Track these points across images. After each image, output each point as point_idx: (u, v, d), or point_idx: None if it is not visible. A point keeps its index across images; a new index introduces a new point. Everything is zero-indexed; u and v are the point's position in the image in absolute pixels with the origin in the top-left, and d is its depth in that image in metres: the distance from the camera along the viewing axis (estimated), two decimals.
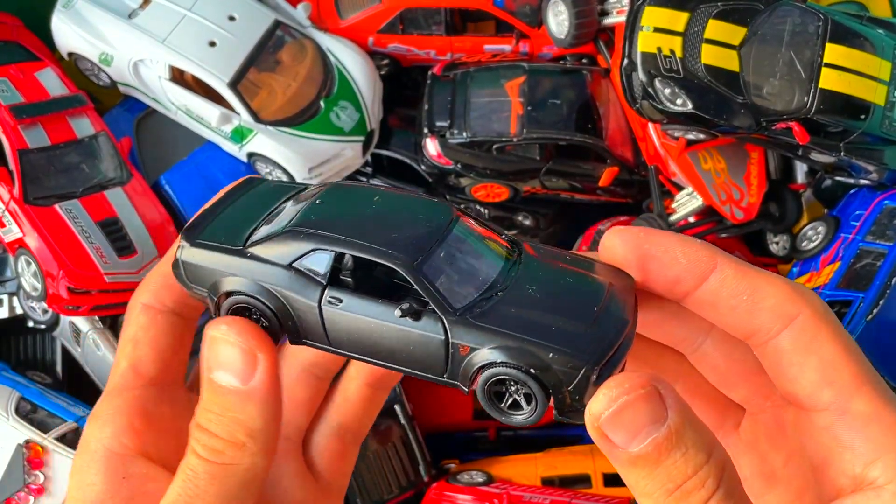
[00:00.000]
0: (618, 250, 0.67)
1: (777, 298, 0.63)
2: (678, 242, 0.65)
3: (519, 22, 2.41)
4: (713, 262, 0.64)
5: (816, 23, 1.98)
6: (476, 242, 0.66)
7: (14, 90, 2.13)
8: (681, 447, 0.57)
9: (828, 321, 0.63)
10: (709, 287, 0.64)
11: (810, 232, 2.26)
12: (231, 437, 0.62)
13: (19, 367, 2.28)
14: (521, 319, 0.62)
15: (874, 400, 0.61)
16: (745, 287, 0.64)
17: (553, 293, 0.64)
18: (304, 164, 2.31)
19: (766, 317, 0.63)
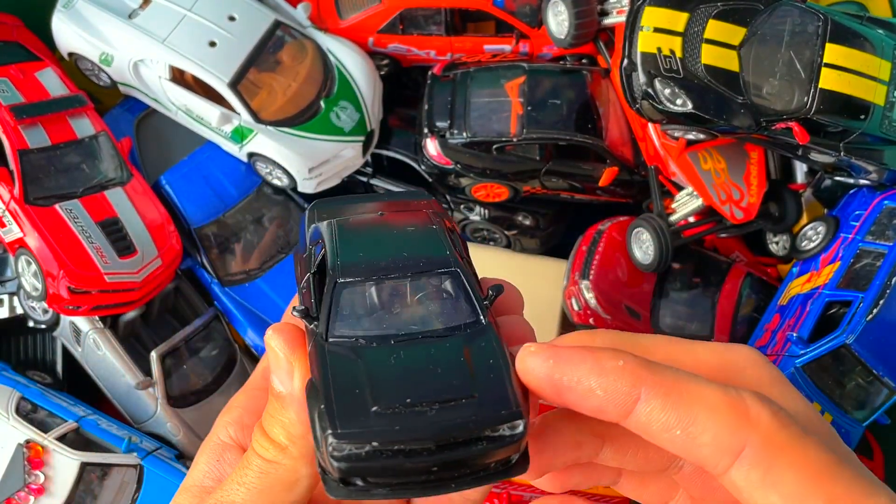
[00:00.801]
0: (531, 376, 0.59)
1: (715, 431, 0.54)
2: (592, 372, 0.56)
3: (519, 22, 2.41)
4: (635, 393, 0.55)
5: (816, 23, 1.98)
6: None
7: (14, 90, 2.13)
8: None
9: (783, 444, 0.53)
10: (637, 419, 0.56)
11: (810, 232, 2.26)
12: (276, 439, 0.65)
13: (19, 367, 2.28)
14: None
15: None
16: (675, 420, 0.54)
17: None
18: (305, 164, 2.31)
19: (707, 453, 0.54)
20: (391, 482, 0.57)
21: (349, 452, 0.56)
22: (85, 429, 2.06)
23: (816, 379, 2.01)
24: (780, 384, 0.61)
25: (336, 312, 0.65)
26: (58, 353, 2.33)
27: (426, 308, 0.66)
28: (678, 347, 0.63)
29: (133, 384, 2.21)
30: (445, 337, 0.63)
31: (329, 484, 0.58)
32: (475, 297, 0.65)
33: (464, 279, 0.66)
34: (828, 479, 0.53)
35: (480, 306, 0.65)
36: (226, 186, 2.42)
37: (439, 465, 0.57)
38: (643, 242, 2.24)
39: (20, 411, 2.04)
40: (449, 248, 0.68)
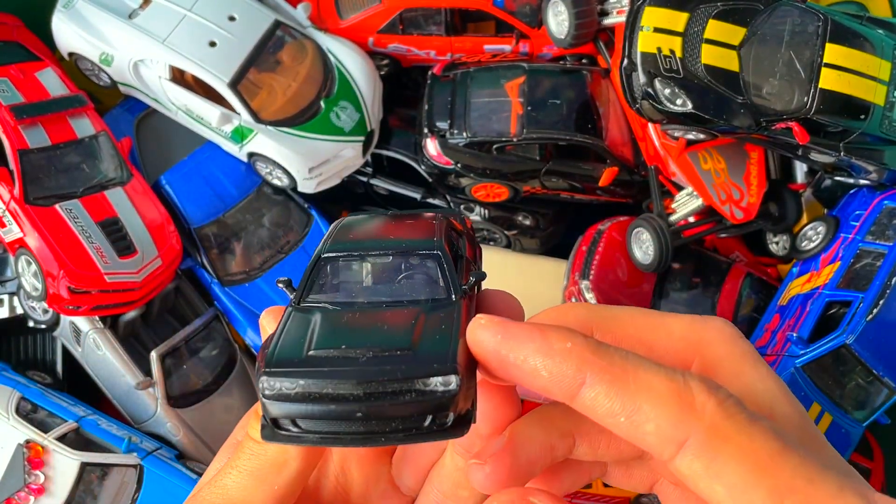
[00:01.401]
0: (479, 348, 0.59)
1: (658, 421, 0.53)
2: (538, 352, 0.55)
3: (519, 22, 2.41)
4: (580, 377, 0.54)
5: (816, 23, 1.98)
6: None
7: (14, 90, 2.13)
8: None
9: (726, 435, 0.52)
10: (582, 404, 0.55)
11: (810, 232, 2.26)
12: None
13: (19, 367, 2.28)
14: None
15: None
16: (619, 407, 0.54)
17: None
18: (305, 164, 2.31)
19: (652, 441, 0.53)
20: (321, 430, 0.58)
21: (278, 392, 0.57)
22: (85, 429, 2.06)
23: (816, 379, 2.01)
24: (747, 360, 0.60)
25: (313, 282, 0.68)
26: (58, 353, 2.33)
27: (400, 284, 0.67)
28: (651, 320, 0.63)
29: (133, 384, 2.20)
30: (407, 306, 0.65)
31: (263, 428, 0.59)
32: (451, 278, 0.66)
33: (444, 262, 0.67)
34: (773, 467, 0.52)
35: (455, 287, 0.66)
36: (226, 186, 2.42)
37: (368, 415, 0.56)
38: (643, 242, 2.25)
39: (20, 411, 2.04)
40: (438, 238, 0.69)
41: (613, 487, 2.21)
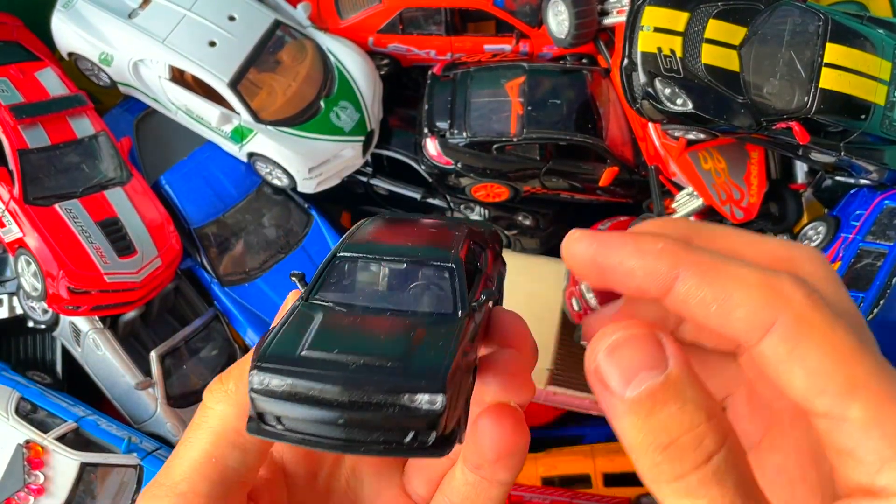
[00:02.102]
0: (576, 260, 0.63)
1: (749, 306, 0.57)
2: (633, 254, 0.60)
3: (519, 22, 2.41)
4: (673, 272, 0.58)
5: (816, 22, 1.97)
6: None
7: (14, 90, 2.13)
8: (678, 400, 0.54)
9: (812, 323, 0.56)
10: (675, 297, 0.59)
11: (810, 232, 2.26)
12: (225, 384, 0.65)
13: (19, 367, 2.28)
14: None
15: (874, 403, 0.56)
16: (712, 296, 0.58)
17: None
18: (305, 164, 2.31)
19: (740, 327, 0.57)
20: (304, 430, 0.58)
21: (266, 388, 0.58)
22: (85, 429, 2.06)
23: None
24: (830, 281, 0.63)
25: (325, 280, 0.67)
26: (57, 353, 2.33)
27: (409, 293, 0.67)
28: (745, 237, 0.65)
29: (133, 384, 2.20)
30: (410, 317, 0.65)
31: (250, 420, 0.60)
32: (460, 293, 0.66)
33: (456, 277, 0.66)
34: (851, 360, 0.55)
35: (462, 303, 0.65)
36: (226, 186, 2.42)
37: (349, 423, 0.57)
38: None
39: (20, 411, 2.04)
40: (455, 251, 0.68)
41: (613, 487, 2.21)
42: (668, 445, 0.53)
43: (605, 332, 0.56)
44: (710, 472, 0.53)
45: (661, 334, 0.56)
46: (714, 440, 0.54)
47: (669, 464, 0.54)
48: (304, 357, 0.59)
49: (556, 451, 2.33)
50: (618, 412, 0.55)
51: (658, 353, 0.55)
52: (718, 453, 0.54)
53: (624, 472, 2.20)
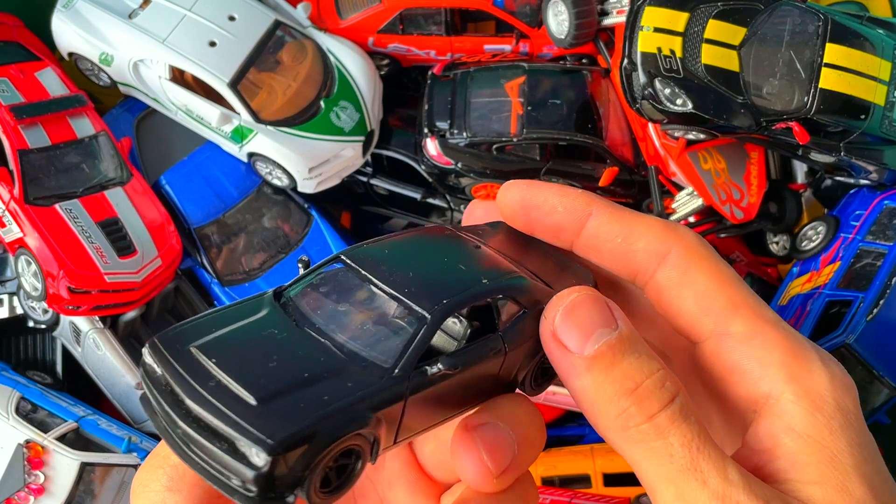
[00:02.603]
0: (506, 201, 0.70)
1: (648, 238, 0.65)
2: (557, 192, 0.68)
3: (519, 22, 2.41)
4: (589, 208, 0.67)
5: (816, 23, 1.98)
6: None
7: (14, 90, 2.13)
8: (634, 351, 0.58)
9: (700, 254, 0.65)
10: (588, 232, 0.67)
11: (810, 232, 2.26)
12: None
13: (19, 367, 2.28)
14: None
15: (752, 319, 0.62)
16: (618, 230, 0.66)
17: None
18: (305, 164, 2.31)
19: (641, 257, 0.65)
20: (161, 421, 0.57)
21: (148, 365, 0.58)
22: (85, 429, 2.06)
23: None
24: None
25: (310, 280, 0.65)
26: (58, 353, 2.33)
27: (366, 328, 0.61)
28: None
29: (133, 384, 2.20)
30: (339, 357, 0.59)
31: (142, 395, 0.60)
32: (411, 354, 0.59)
33: (421, 332, 0.59)
34: (731, 285, 0.64)
35: (405, 363, 0.58)
36: (226, 186, 2.42)
37: (187, 436, 0.54)
38: None
39: (20, 411, 2.04)
40: (449, 302, 0.61)
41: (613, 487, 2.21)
42: (634, 389, 0.57)
43: (558, 297, 0.61)
44: (678, 409, 0.57)
45: (606, 298, 0.61)
46: (673, 382, 0.58)
47: (638, 405, 0.57)
48: (186, 351, 0.56)
49: (555, 451, 2.33)
50: (578, 370, 0.59)
51: (608, 314, 0.60)
52: (679, 393, 0.58)
53: (624, 472, 2.20)
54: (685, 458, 0.56)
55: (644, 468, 0.58)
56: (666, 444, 0.56)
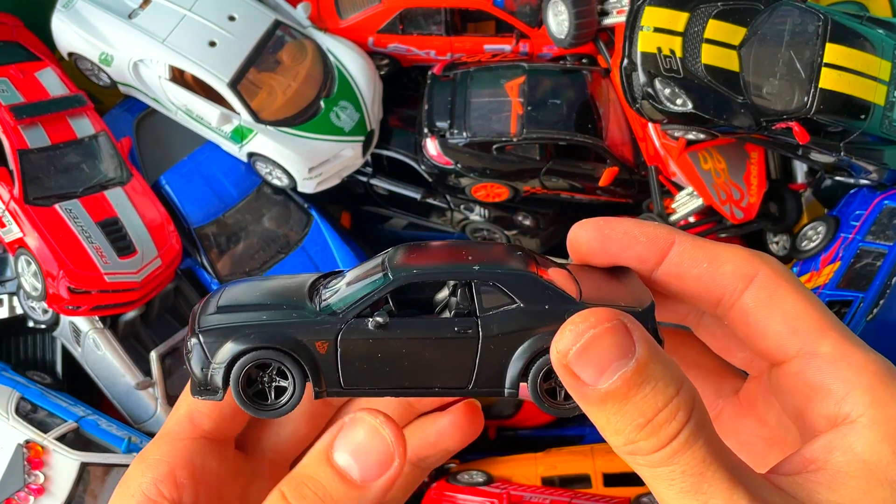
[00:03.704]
0: (582, 239, 0.70)
1: (735, 262, 0.67)
2: (636, 225, 0.69)
3: (519, 22, 2.41)
4: (671, 238, 0.69)
5: (816, 23, 1.97)
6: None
7: (14, 90, 2.13)
8: (650, 381, 0.57)
9: (786, 277, 0.66)
10: (671, 260, 0.68)
11: (810, 232, 2.26)
12: None
13: (19, 367, 2.28)
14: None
15: (839, 342, 0.63)
16: (703, 255, 0.68)
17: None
18: (304, 164, 2.31)
19: (728, 280, 0.67)
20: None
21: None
22: (85, 429, 2.06)
23: None
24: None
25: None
26: (58, 353, 2.33)
27: (348, 286, 0.70)
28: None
29: (133, 384, 2.20)
30: (307, 300, 0.69)
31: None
32: (356, 300, 0.66)
33: (377, 288, 0.66)
34: (819, 309, 0.65)
35: (347, 307, 0.66)
36: (226, 186, 2.42)
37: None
38: None
39: (20, 411, 2.04)
40: (420, 270, 0.68)
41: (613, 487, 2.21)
42: (645, 425, 0.57)
43: (571, 324, 0.59)
44: (683, 440, 0.57)
45: (626, 319, 0.59)
46: (685, 410, 0.58)
47: (647, 440, 0.57)
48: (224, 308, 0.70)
49: (555, 451, 2.33)
50: (591, 401, 0.58)
51: (626, 342, 0.58)
52: (690, 421, 0.58)
53: (624, 472, 2.20)
54: (686, 482, 0.57)
55: (653, 488, 0.60)
56: (670, 472, 0.57)
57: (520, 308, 0.65)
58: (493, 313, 0.65)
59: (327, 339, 0.64)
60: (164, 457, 0.71)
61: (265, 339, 0.63)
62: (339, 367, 0.65)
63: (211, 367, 0.65)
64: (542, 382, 0.68)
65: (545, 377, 0.68)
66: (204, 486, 0.70)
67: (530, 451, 2.33)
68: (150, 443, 0.73)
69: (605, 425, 0.59)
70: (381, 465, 0.62)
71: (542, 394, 0.68)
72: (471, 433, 0.79)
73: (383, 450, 0.62)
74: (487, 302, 0.66)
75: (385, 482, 0.63)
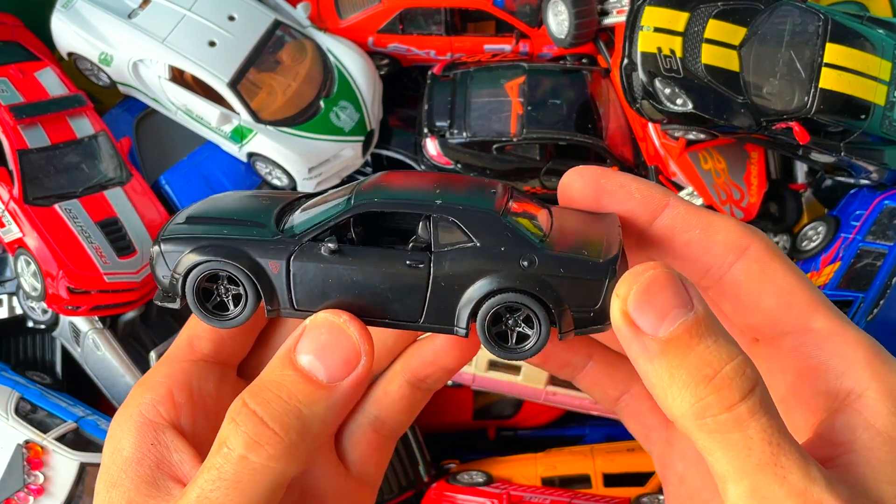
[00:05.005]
0: (575, 185, 0.68)
1: (727, 232, 0.65)
2: (633, 180, 0.67)
3: (519, 22, 2.41)
4: (666, 199, 0.66)
5: (816, 23, 1.97)
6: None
7: (14, 90, 2.13)
8: (712, 334, 0.54)
9: (777, 253, 0.65)
10: (662, 222, 0.66)
11: (810, 232, 2.26)
12: (282, 429, 0.59)
13: (19, 367, 2.28)
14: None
15: (832, 318, 0.62)
16: (696, 222, 0.65)
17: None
18: (304, 164, 2.31)
19: (719, 250, 0.65)
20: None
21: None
22: (84, 429, 2.06)
23: None
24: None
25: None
26: (57, 354, 2.33)
27: (318, 207, 0.72)
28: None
29: (133, 384, 2.20)
30: (272, 220, 0.71)
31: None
32: (312, 223, 0.67)
33: (335, 213, 0.67)
34: (810, 285, 0.64)
35: (303, 229, 0.67)
36: (226, 186, 2.42)
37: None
38: None
39: (19, 411, 2.04)
40: (380, 199, 0.68)
41: (613, 487, 2.21)
42: (713, 377, 0.53)
43: (630, 274, 0.57)
44: (758, 399, 0.53)
45: (682, 276, 0.56)
46: (753, 369, 0.54)
47: (717, 394, 0.53)
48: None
49: (555, 451, 2.33)
50: (652, 353, 0.55)
51: (683, 293, 0.56)
52: (759, 383, 0.54)
53: (624, 472, 2.20)
54: (765, 452, 0.52)
55: (717, 459, 0.54)
56: (745, 437, 0.53)
57: (475, 247, 0.63)
58: (448, 250, 0.64)
59: (279, 260, 0.64)
60: (163, 378, 0.70)
61: (220, 254, 0.65)
62: (292, 287, 0.65)
63: (171, 276, 0.67)
64: (490, 325, 0.65)
65: (493, 320, 0.66)
66: (202, 408, 0.70)
67: (530, 452, 2.33)
68: (152, 367, 0.73)
69: (668, 382, 0.54)
70: (347, 364, 0.60)
71: (492, 337, 0.66)
72: (467, 351, 0.77)
73: (349, 347, 0.60)
74: (444, 238, 0.64)
75: (353, 381, 0.60)
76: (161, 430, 0.67)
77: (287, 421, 0.59)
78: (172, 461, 0.66)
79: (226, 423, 0.60)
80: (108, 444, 0.68)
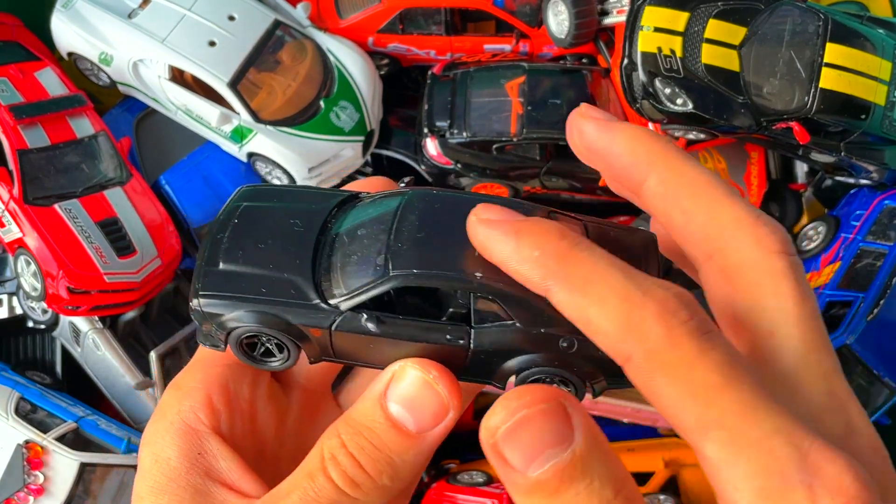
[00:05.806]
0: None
1: (609, 331, 0.53)
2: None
3: (519, 22, 2.41)
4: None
5: (816, 22, 1.97)
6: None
7: (14, 90, 2.13)
8: (586, 478, 0.49)
9: (666, 361, 0.52)
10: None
11: (810, 232, 2.26)
12: (377, 477, 0.60)
13: (19, 367, 2.28)
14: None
15: (731, 441, 0.51)
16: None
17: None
18: (304, 164, 2.31)
19: (605, 349, 0.55)
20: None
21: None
22: (84, 429, 2.06)
23: None
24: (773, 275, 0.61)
25: (375, 196, 0.71)
26: (57, 354, 2.33)
27: (358, 255, 0.67)
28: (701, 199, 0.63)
29: (132, 384, 2.20)
30: (311, 266, 0.68)
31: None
32: (352, 295, 0.64)
33: (374, 285, 0.63)
34: (709, 397, 0.49)
35: (341, 301, 0.64)
36: (226, 186, 2.42)
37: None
38: None
39: (19, 411, 2.04)
40: (420, 273, 0.63)
41: None
42: None
43: (504, 405, 0.51)
44: None
45: (568, 402, 0.51)
46: None
47: None
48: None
49: None
50: (519, 490, 0.51)
51: (564, 428, 0.50)
52: None
53: None
54: None
55: None
56: None
57: (515, 327, 0.63)
58: (489, 327, 0.63)
59: (321, 328, 0.64)
60: (199, 383, 0.68)
61: (259, 321, 0.64)
62: (333, 348, 0.66)
63: (213, 330, 0.66)
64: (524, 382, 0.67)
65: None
66: (238, 413, 0.69)
67: None
68: (183, 371, 0.71)
69: None
70: (435, 417, 0.61)
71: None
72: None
73: (438, 403, 0.60)
74: (483, 312, 0.63)
75: (441, 431, 0.61)
76: (205, 438, 0.66)
77: (379, 468, 0.61)
78: (221, 469, 0.65)
79: (323, 456, 0.61)
80: (146, 451, 0.67)
